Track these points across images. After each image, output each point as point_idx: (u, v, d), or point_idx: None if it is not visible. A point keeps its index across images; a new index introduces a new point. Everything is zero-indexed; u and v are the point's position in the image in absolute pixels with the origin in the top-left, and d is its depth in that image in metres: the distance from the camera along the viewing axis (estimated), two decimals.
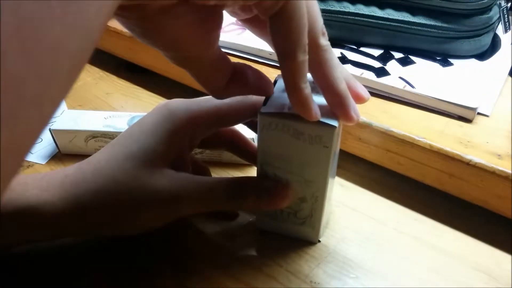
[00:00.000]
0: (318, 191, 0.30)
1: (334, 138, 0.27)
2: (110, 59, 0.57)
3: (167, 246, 0.33)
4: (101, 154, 0.31)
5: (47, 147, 0.44)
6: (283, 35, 0.22)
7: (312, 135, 0.27)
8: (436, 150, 0.34)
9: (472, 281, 0.31)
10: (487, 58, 0.43)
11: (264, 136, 0.28)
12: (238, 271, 0.31)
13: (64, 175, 0.30)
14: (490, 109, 0.38)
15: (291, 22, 0.22)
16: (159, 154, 0.29)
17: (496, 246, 0.33)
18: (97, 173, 0.29)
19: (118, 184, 0.29)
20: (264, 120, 0.28)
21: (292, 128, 0.27)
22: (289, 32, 0.22)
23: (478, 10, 0.41)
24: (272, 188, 0.30)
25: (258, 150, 0.29)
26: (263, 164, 0.30)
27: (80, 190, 0.29)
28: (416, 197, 0.37)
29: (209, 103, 0.32)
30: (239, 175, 0.40)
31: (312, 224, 0.32)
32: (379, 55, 0.44)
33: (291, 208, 0.31)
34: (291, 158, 0.29)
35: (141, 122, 0.31)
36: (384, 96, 0.40)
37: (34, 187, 0.29)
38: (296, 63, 0.23)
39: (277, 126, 0.27)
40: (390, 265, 0.32)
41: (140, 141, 0.30)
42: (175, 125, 0.30)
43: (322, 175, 0.29)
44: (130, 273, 0.31)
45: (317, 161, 0.28)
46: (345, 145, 0.39)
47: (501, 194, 0.32)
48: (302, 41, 0.23)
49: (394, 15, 0.43)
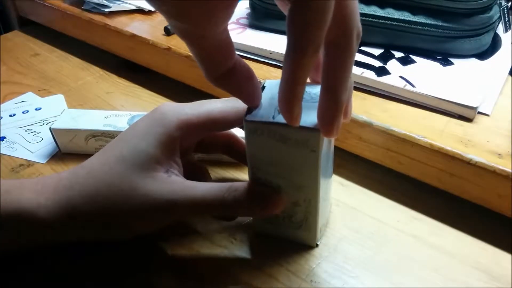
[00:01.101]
0: (311, 195, 0.29)
1: (320, 142, 0.26)
2: (110, 58, 0.57)
3: (167, 246, 0.33)
4: (95, 158, 0.31)
5: (47, 146, 0.44)
6: (299, 25, 0.21)
7: (298, 139, 0.27)
8: (437, 149, 0.34)
9: (472, 280, 0.31)
10: (487, 57, 0.43)
11: (251, 142, 0.28)
12: (238, 271, 0.31)
13: (59, 179, 0.30)
14: (491, 108, 0.38)
15: (311, 13, 0.20)
16: (151, 157, 0.29)
17: (496, 245, 0.33)
18: (90, 176, 0.29)
19: (110, 188, 0.29)
20: (250, 126, 0.27)
21: (278, 133, 0.27)
22: (306, 23, 0.21)
23: (479, 9, 0.41)
24: (265, 194, 0.30)
25: (247, 155, 0.29)
26: (254, 169, 0.29)
27: (73, 193, 0.29)
28: (416, 196, 0.37)
29: (201, 107, 0.32)
30: (239, 175, 0.40)
31: (308, 228, 0.31)
32: (379, 54, 0.44)
33: (286, 213, 0.31)
34: (280, 163, 0.28)
35: (134, 126, 0.31)
36: (384, 95, 0.40)
37: (29, 191, 0.30)
38: (302, 59, 0.21)
39: (263, 132, 0.27)
40: (390, 264, 0.32)
41: (132, 144, 0.30)
42: (166, 128, 0.30)
43: (312, 179, 0.28)
44: (130, 273, 0.31)
45: (306, 166, 0.28)
46: (345, 144, 0.39)
47: (501, 193, 0.32)
48: (317, 37, 0.21)
49: (394, 14, 0.43)
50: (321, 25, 0.21)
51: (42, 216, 0.29)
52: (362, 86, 0.41)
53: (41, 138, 0.45)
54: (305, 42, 0.21)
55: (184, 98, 0.49)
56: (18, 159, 0.42)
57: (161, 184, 0.29)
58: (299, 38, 0.21)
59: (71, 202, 0.29)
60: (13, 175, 0.40)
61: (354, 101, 0.39)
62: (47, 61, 0.59)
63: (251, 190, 0.29)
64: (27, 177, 0.40)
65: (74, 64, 0.58)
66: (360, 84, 0.41)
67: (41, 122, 0.47)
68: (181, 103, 0.32)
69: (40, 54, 0.61)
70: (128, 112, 0.43)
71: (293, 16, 0.21)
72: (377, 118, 0.37)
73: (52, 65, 0.58)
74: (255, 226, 0.34)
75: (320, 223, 0.32)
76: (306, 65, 0.22)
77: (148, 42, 0.50)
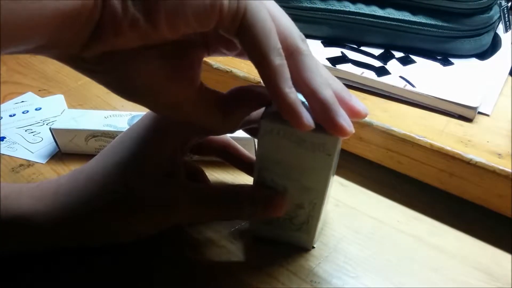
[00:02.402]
0: (317, 198, 0.29)
1: (337, 146, 0.26)
2: None
3: (167, 246, 0.33)
4: (94, 162, 0.31)
5: (48, 146, 0.44)
6: (251, 43, 0.22)
7: (315, 142, 0.26)
8: (437, 149, 0.34)
9: (472, 280, 0.31)
10: (487, 57, 0.43)
11: (265, 142, 0.28)
12: (238, 271, 0.31)
13: (58, 185, 0.30)
14: (491, 108, 0.38)
15: (254, 28, 0.22)
16: (150, 160, 0.29)
17: (496, 245, 0.33)
18: (89, 181, 0.29)
19: (108, 192, 0.28)
20: (266, 126, 0.27)
21: (295, 135, 0.27)
22: (255, 37, 0.22)
23: (479, 9, 0.41)
24: (268, 196, 0.29)
25: (257, 155, 0.29)
26: (262, 169, 0.29)
27: (72, 198, 0.29)
28: (416, 196, 0.37)
29: None
30: (240, 175, 0.40)
31: (308, 230, 0.31)
32: (379, 54, 0.44)
33: (287, 214, 0.31)
34: (291, 165, 0.28)
35: (132, 128, 0.31)
36: (384, 95, 0.40)
37: (28, 196, 0.29)
38: (272, 67, 0.22)
39: (279, 132, 0.27)
40: (390, 264, 0.32)
41: (130, 147, 0.30)
42: (165, 129, 0.30)
43: (322, 182, 0.28)
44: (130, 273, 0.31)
45: (318, 169, 0.28)
46: (345, 145, 0.39)
47: (501, 193, 0.32)
48: (271, 43, 0.22)
49: (394, 14, 0.43)
50: (269, 31, 0.22)
51: (40, 222, 0.28)
52: (362, 86, 0.41)
53: (41, 138, 0.45)
54: (265, 51, 0.22)
55: None
56: (18, 159, 0.42)
57: (161, 187, 0.29)
58: (259, 51, 0.22)
59: (70, 208, 0.29)
60: (13, 175, 0.40)
61: None
62: (47, 61, 0.59)
63: (255, 192, 0.29)
64: (27, 177, 0.40)
65: None
66: (360, 84, 0.41)
67: (41, 122, 0.47)
68: None
69: None
70: (128, 112, 0.43)
71: (244, 40, 0.22)
72: (377, 118, 0.37)
73: (52, 65, 0.58)
74: (250, 228, 0.34)
75: (319, 226, 0.32)
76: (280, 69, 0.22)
77: None
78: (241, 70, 0.44)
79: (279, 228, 0.32)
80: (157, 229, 0.30)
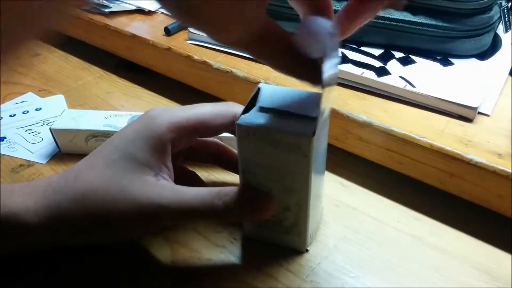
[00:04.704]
0: (301, 199, 0.29)
1: (312, 147, 0.26)
2: (110, 58, 0.57)
3: (166, 246, 0.33)
4: (84, 161, 0.31)
5: (48, 146, 0.44)
6: None
7: (290, 144, 0.27)
8: (437, 149, 0.34)
9: (472, 280, 0.31)
10: (487, 57, 0.43)
11: (243, 145, 0.28)
12: (238, 271, 0.31)
13: (48, 182, 0.30)
14: (491, 109, 0.38)
15: None
16: (140, 161, 0.29)
17: (496, 245, 0.33)
18: (78, 180, 0.29)
19: (97, 192, 0.28)
20: (242, 129, 0.27)
21: (270, 137, 0.27)
22: None
23: (479, 9, 0.41)
24: (255, 198, 0.29)
25: (239, 158, 0.29)
26: (245, 172, 0.29)
27: (61, 197, 0.29)
28: (416, 196, 0.37)
29: (191, 110, 0.32)
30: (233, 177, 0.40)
31: (298, 232, 0.31)
32: (379, 54, 0.44)
33: (276, 217, 0.31)
34: (271, 167, 0.28)
35: (123, 130, 0.31)
36: (384, 96, 0.40)
37: (19, 194, 0.29)
38: None
39: (255, 135, 0.27)
40: (390, 264, 0.32)
41: (121, 148, 0.30)
42: (156, 131, 0.30)
43: (303, 183, 0.28)
44: (129, 274, 0.31)
45: (297, 170, 0.28)
46: (345, 144, 0.39)
47: (501, 193, 0.32)
48: None
49: (394, 14, 0.43)
50: None
51: (30, 219, 0.28)
52: (362, 86, 0.41)
53: (41, 138, 0.45)
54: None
55: (184, 98, 0.49)
56: (18, 159, 0.42)
57: (150, 188, 0.29)
58: None
59: (59, 206, 0.29)
60: (13, 175, 0.40)
61: (355, 101, 0.39)
62: (47, 61, 0.59)
63: (241, 194, 0.29)
64: (27, 177, 0.40)
65: (74, 64, 0.58)
66: (360, 84, 0.41)
67: (41, 122, 0.47)
68: (172, 107, 0.32)
69: (40, 54, 0.61)
70: (128, 112, 0.43)
71: None
72: (377, 118, 0.37)
73: (52, 65, 0.58)
74: (244, 231, 0.34)
75: (310, 228, 0.31)
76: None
77: (148, 42, 0.50)
78: (241, 70, 0.44)
79: (270, 231, 0.32)
80: (145, 230, 0.30)
